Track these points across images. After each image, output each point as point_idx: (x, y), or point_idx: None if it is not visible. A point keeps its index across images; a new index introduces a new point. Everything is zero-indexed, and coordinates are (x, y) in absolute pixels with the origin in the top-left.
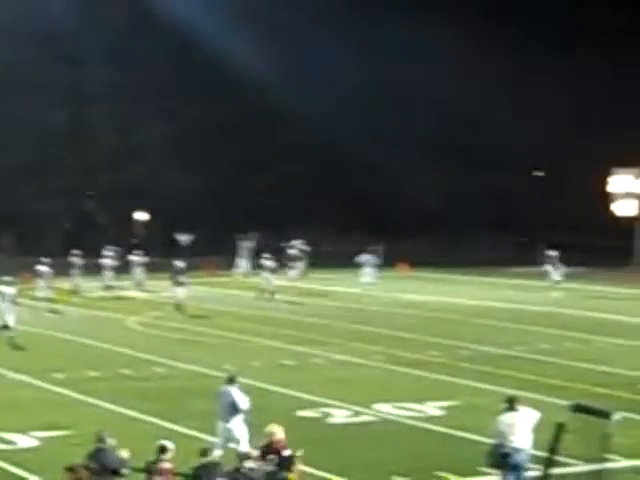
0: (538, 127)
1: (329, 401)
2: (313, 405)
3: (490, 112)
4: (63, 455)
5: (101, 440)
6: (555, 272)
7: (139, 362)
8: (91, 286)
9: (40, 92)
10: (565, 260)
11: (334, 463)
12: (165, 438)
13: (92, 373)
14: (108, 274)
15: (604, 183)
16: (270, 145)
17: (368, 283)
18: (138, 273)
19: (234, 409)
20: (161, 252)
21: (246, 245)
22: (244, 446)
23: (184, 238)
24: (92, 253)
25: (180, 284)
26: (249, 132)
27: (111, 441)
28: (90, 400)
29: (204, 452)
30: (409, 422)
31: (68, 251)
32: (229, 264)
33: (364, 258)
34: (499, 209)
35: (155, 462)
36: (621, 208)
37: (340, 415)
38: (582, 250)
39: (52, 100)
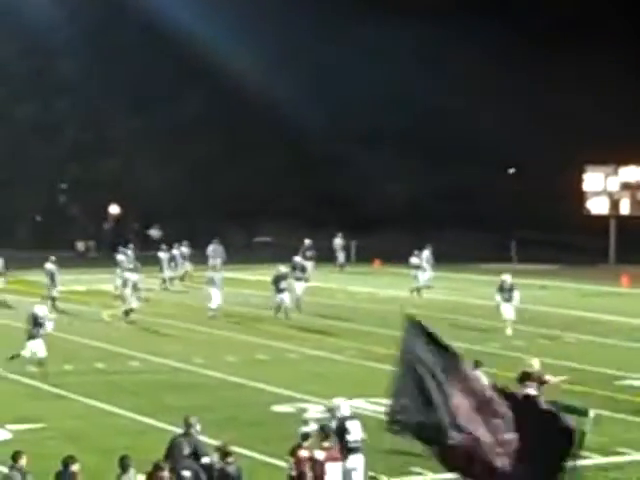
0: (511, 124)
1: (304, 396)
2: (288, 400)
3: (461, 109)
4: (36, 448)
5: (189, 425)
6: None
7: (113, 356)
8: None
9: (7, 83)
10: (539, 257)
11: None
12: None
13: (66, 366)
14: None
15: (579, 181)
16: (241, 141)
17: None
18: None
19: None
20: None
21: (213, 247)
22: None
23: (156, 233)
24: (63, 246)
25: (299, 279)
26: (221, 127)
27: (198, 427)
28: (63, 393)
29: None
30: (383, 417)
31: (38, 244)
32: (201, 260)
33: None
34: (471, 206)
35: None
36: (595, 206)
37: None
38: (557, 248)
39: (19, 91)
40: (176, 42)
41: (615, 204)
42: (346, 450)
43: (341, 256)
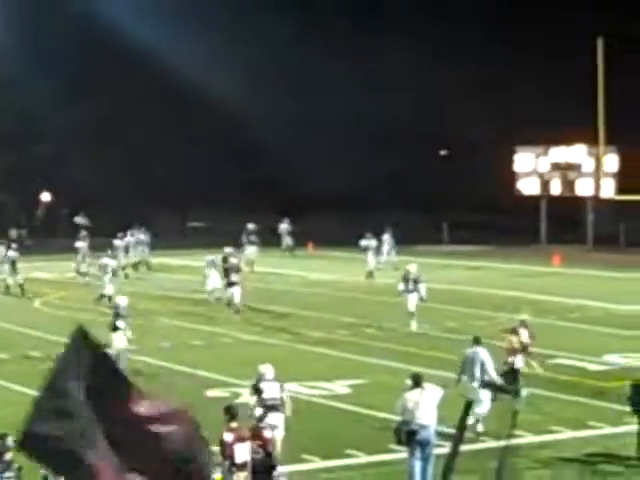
0: (442, 105)
1: (238, 381)
2: (222, 385)
3: (393, 92)
4: None
5: None
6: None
7: (47, 343)
8: None
9: None
10: (471, 239)
11: None
12: None
13: (1, 355)
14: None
15: (509, 161)
16: (174, 129)
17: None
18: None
19: (482, 369)
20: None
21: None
22: (485, 408)
23: (81, 220)
24: None
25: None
26: (153, 116)
27: None
28: None
29: None
30: (317, 400)
31: None
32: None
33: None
34: (403, 188)
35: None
36: (526, 186)
37: (248, 395)
38: (488, 229)
39: None
40: (111, 32)
41: (546, 184)
42: (264, 408)
43: (288, 240)
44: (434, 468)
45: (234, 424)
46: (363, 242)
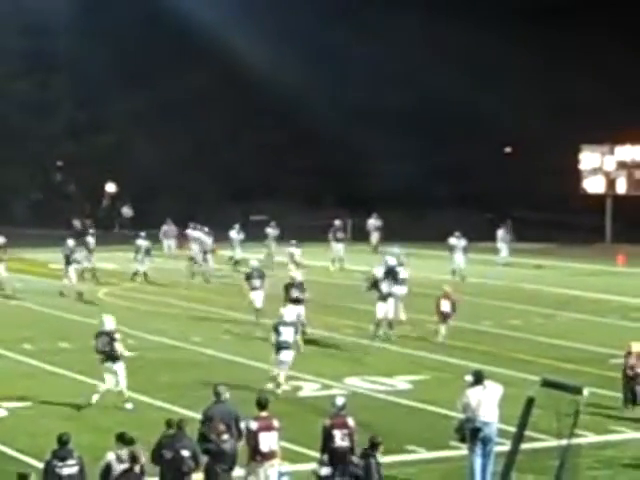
0: (507, 103)
1: (299, 374)
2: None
3: (457, 88)
4: (31, 426)
5: (218, 394)
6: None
7: None
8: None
9: (3, 60)
10: (535, 236)
11: (304, 436)
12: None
13: (62, 344)
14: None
15: (575, 160)
16: (238, 118)
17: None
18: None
19: None
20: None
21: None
22: None
23: (128, 211)
24: (60, 224)
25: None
26: (217, 105)
27: (227, 395)
28: (60, 371)
29: (178, 423)
30: (378, 396)
31: (35, 222)
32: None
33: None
34: (467, 185)
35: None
36: (591, 185)
37: (310, 389)
38: (553, 227)
39: (16, 68)
40: (174, 18)
41: (611, 183)
42: (277, 347)
43: (377, 236)
44: (494, 465)
45: (264, 414)
46: (452, 240)
